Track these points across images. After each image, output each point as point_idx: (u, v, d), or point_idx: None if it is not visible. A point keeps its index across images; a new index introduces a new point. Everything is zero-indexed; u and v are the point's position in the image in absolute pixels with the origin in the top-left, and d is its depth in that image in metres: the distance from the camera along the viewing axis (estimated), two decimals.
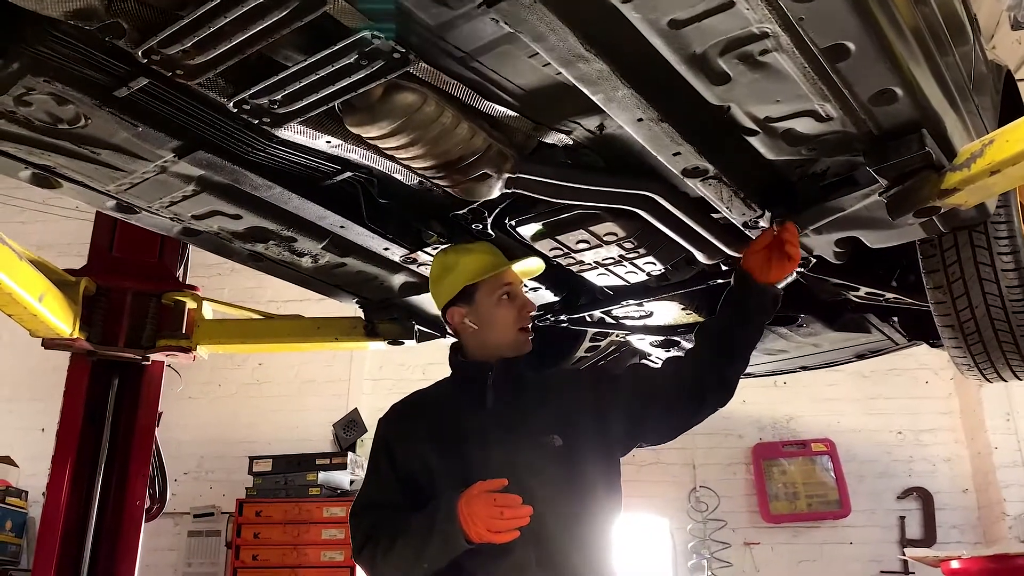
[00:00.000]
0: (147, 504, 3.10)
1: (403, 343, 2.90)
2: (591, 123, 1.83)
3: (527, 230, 2.28)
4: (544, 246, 2.33)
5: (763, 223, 2.07)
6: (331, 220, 2.17)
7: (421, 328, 2.92)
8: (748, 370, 3.73)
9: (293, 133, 1.77)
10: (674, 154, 1.75)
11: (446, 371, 3.33)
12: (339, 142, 1.84)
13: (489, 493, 1.77)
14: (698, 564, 5.68)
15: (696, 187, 1.90)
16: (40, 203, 6.46)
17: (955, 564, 4.48)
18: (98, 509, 2.93)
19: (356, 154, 1.92)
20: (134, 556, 2.91)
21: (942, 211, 1.78)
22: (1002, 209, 2.17)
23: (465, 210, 2.23)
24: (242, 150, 1.88)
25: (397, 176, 2.04)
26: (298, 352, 6.46)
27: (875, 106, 1.61)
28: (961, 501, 5.86)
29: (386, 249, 2.33)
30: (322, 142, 1.83)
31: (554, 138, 1.89)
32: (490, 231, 2.31)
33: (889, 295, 2.66)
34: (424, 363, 5.99)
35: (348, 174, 2.04)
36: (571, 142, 1.91)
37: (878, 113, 1.63)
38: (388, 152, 1.83)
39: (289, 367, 6.58)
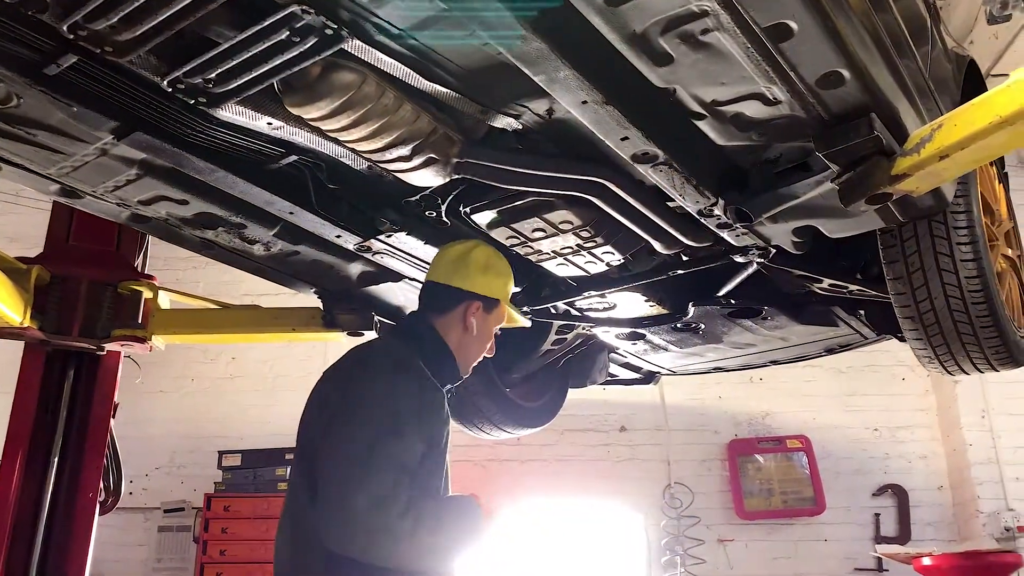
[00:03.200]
0: (102, 497, 3.05)
1: (363, 334, 2.86)
2: (539, 107, 1.80)
3: (482, 218, 2.25)
4: (500, 234, 2.30)
5: (717, 211, 2.05)
6: (280, 206, 2.13)
7: (381, 319, 2.88)
8: (719, 364, 3.77)
9: (232, 114, 1.74)
10: (622, 139, 1.72)
11: None
12: (280, 124, 1.81)
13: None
14: (671, 561, 5.66)
15: (647, 174, 1.87)
16: (12, 195, 6.38)
17: (927, 561, 4.50)
18: (50, 501, 2.88)
19: (300, 137, 1.89)
20: (86, 549, 2.87)
21: (894, 198, 1.76)
22: (961, 199, 2.16)
23: (417, 197, 2.20)
24: (182, 132, 1.84)
25: (345, 161, 2.01)
26: (272, 346, 6.42)
27: (822, 89, 1.59)
28: (936, 498, 5.88)
29: (338, 237, 2.29)
30: (263, 123, 1.80)
31: (503, 122, 1.86)
32: (444, 219, 2.28)
33: (852, 287, 2.64)
34: None
35: (293, 157, 2.00)
36: (520, 127, 1.88)
37: (826, 97, 1.61)
38: (331, 134, 1.80)
39: (263, 362, 6.53)
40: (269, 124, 1.81)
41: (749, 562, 5.83)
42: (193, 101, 1.68)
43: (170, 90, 1.64)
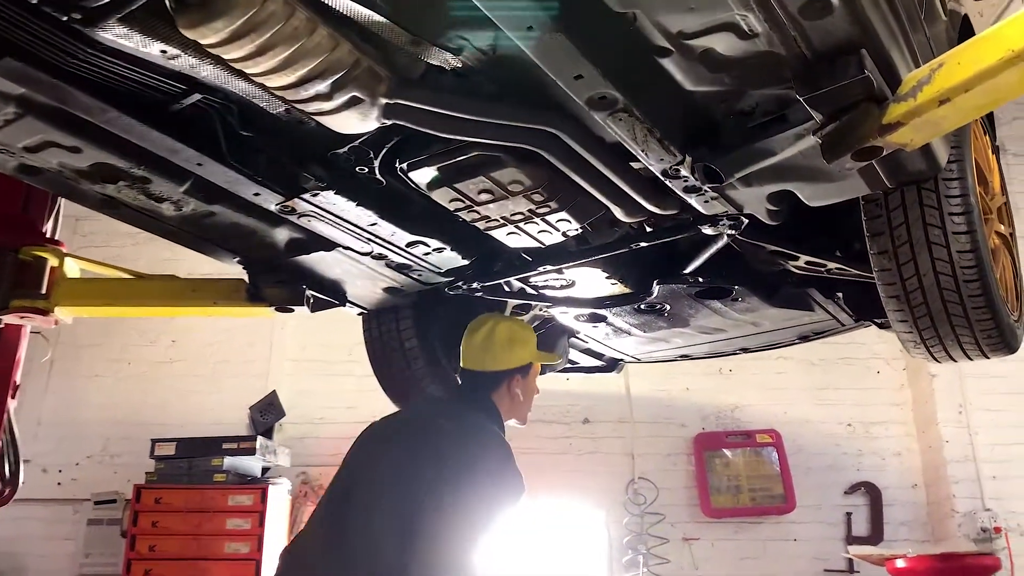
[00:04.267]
0: None
1: (292, 310, 2.63)
2: (482, 40, 1.58)
3: (421, 176, 2.03)
4: (443, 196, 2.09)
5: (684, 171, 1.85)
6: (186, 155, 1.89)
7: (314, 293, 2.65)
8: (685, 351, 3.61)
9: (116, 37, 1.51)
10: (575, 77, 1.52)
11: None
12: (177, 52, 1.58)
13: None
14: (633, 560, 5.49)
15: (606, 124, 1.66)
16: None
17: (900, 563, 4.38)
18: None
19: (203, 70, 1.65)
20: None
21: (884, 153, 1.57)
22: (955, 164, 1.98)
23: (346, 148, 1.97)
24: (60, 60, 1.59)
25: (258, 102, 1.78)
26: (215, 329, 6.15)
27: (806, 19, 1.39)
28: (910, 497, 5.78)
29: (257, 195, 2.05)
30: (156, 51, 1.57)
31: (440, 59, 1.64)
32: (378, 176, 2.05)
33: (832, 265, 2.49)
34: (351, 343, 5.70)
35: (197, 96, 1.76)
36: (461, 64, 1.66)
37: (810, 29, 1.41)
38: (236, 66, 1.56)
39: (206, 345, 6.25)
40: (164, 53, 1.57)
41: (715, 562, 5.69)
42: (66, 18, 1.44)
43: (35, 2, 1.39)
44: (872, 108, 1.51)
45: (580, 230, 2.27)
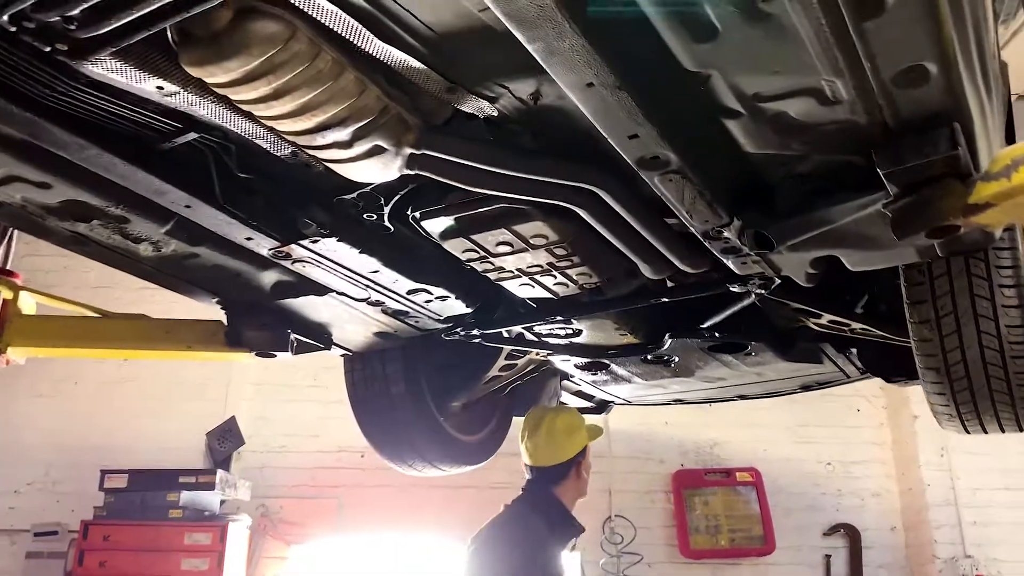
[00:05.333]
0: None
1: (274, 355, 2.43)
2: (524, 88, 1.44)
3: (434, 225, 1.88)
4: (456, 247, 1.94)
5: (728, 233, 1.72)
6: (173, 197, 1.70)
7: (299, 337, 2.46)
8: (679, 396, 3.50)
9: (107, 71, 1.32)
10: (630, 136, 1.38)
11: (339, 377, 2.94)
12: (176, 89, 1.40)
13: None
14: None
15: (653, 183, 1.52)
16: None
17: None
18: None
19: (202, 108, 1.48)
20: None
21: (962, 232, 1.45)
22: (1006, 232, 1.88)
23: (355, 194, 1.80)
24: (37, 92, 1.40)
25: (261, 143, 1.60)
26: None
27: (899, 88, 1.26)
28: (889, 540, 5.73)
29: (249, 239, 1.87)
30: (151, 87, 1.39)
31: (474, 106, 1.49)
32: (387, 223, 1.88)
33: (855, 325, 2.37)
34: (316, 367, 5.49)
35: (193, 135, 1.58)
36: (496, 113, 1.51)
37: (899, 98, 1.29)
38: (244, 108, 1.39)
39: (160, 364, 5.95)
40: (160, 89, 1.40)
41: None
42: (49, 49, 1.25)
43: (14, 30, 1.21)
44: (955, 185, 1.40)
45: (598, 283, 2.14)
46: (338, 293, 2.21)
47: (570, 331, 2.56)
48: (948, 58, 1.21)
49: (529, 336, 2.63)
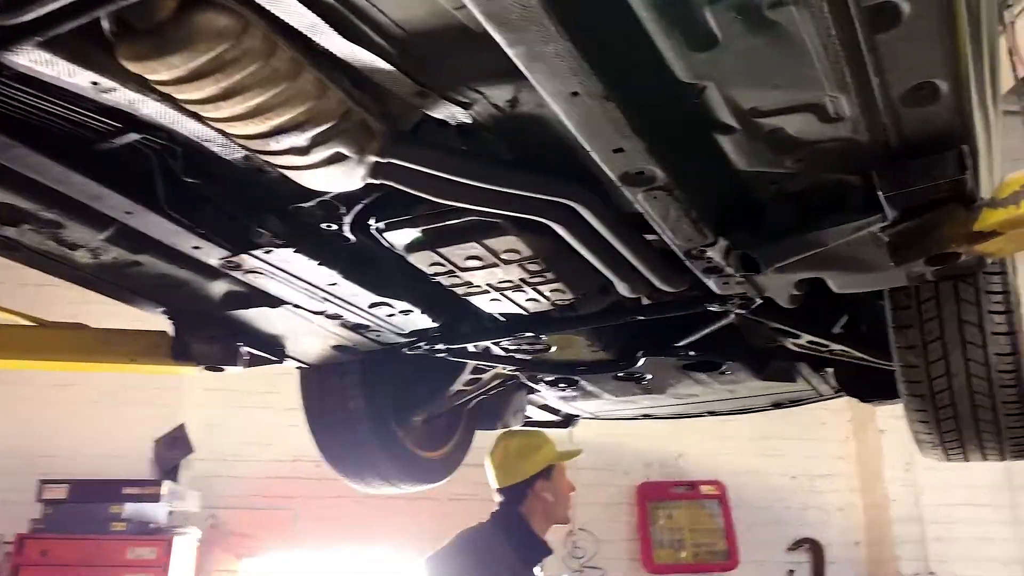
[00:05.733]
0: None
1: (223, 369, 2.29)
2: (501, 94, 1.34)
3: (399, 237, 1.76)
4: (422, 260, 1.82)
5: (712, 253, 1.63)
6: (112, 202, 1.56)
7: (251, 351, 2.33)
8: (648, 412, 3.42)
9: (33, 63, 1.19)
10: (615, 150, 1.28)
11: (295, 383, 2.80)
12: (113, 85, 1.27)
13: None
14: None
15: (636, 199, 1.43)
16: None
17: None
18: None
19: (145, 107, 1.34)
20: None
21: (963, 259, 1.38)
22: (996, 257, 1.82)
23: (314, 202, 1.68)
24: None
25: (211, 146, 1.47)
26: None
27: (906, 106, 1.18)
28: (852, 554, 5.73)
29: (197, 248, 1.74)
30: (85, 82, 1.25)
31: (446, 112, 1.38)
32: (347, 234, 1.76)
33: (834, 346, 2.31)
34: (271, 372, 5.30)
35: (134, 136, 1.45)
36: (469, 120, 1.41)
37: (906, 117, 1.21)
38: (190, 107, 1.26)
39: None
40: (95, 85, 1.26)
41: None
42: None
43: None
44: (958, 211, 1.32)
45: (571, 300, 2.04)
46: (293, 305, 2.08)
47: (540, 347, 2.46)
48: (961, 76, 1.14)
49: (497, 351, 2.52)
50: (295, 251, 1.76)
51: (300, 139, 1.31)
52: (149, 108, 1.35)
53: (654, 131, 1.27)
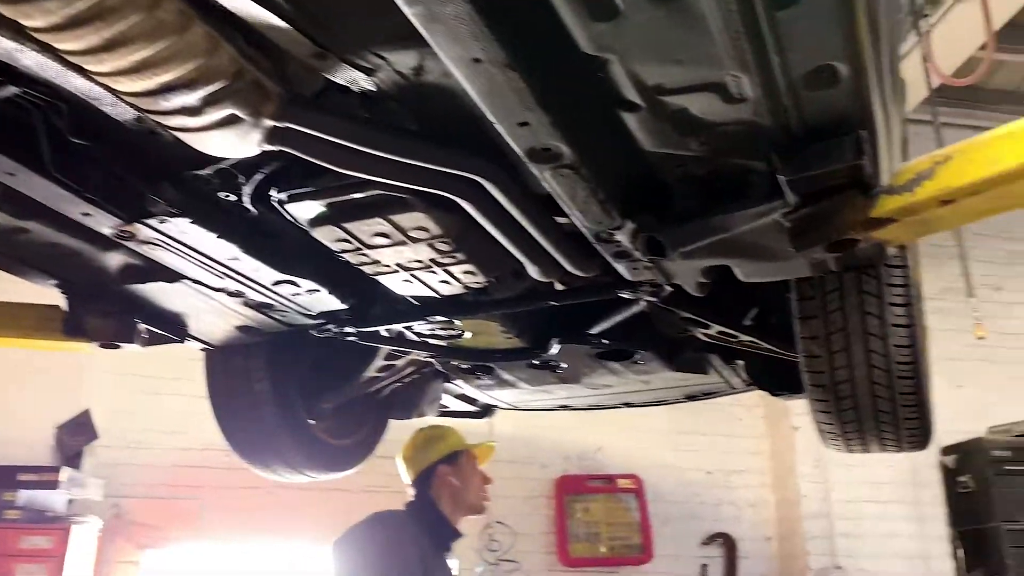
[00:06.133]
0: None
1: (119, 346, 2.20)
2: (405, 61, 1.30)
3: (302, 210, 1.71)
4: (327, 235, 1.78)
5: (620, 236, 1.63)
6: None
7: (150, 328, 2.24)
8: (567, 403, 3.43)
9: None
10: (520, 124, 1.26)
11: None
12: None
13: None
14: None
15: (543, 177, 1.41)
16: None
17: None
18: None
19: (25, 58, 1.27)
20: None
21: (860, 246, 1.40)
22: (899, 249, 1.86)
23: (211, 170, 1.62)
24: None
25: (99, 105, 1.41)
26: None
27: (807, 89, 1.20)
28: (763, 550, 5.86)
29: (87, 215, 1.66)
30: None
31: (348, 77, 1.35)
32: (247, 205, 1.71)
33: (744, 337, 2.34)
34: (182, 358, 5.13)
35: (12, 90, 1.37)
36: (373, 88, 1.37)
37: (807, 100, 1.22)
38: (72, 60, 1.20)
39: (3, 347, 5.48)
40: None
41: None
42: None
43: None
44: (856, 197, 1.34)
45: (484, 283, 2.02)
46: (192, 280, 2.01)
47: (454, 332, 2.43)
48: (859, 60, 1.15)
49: (409, 336, 2.48)
50: (191, 221, 1.70)
51: (191, 98, 1.25)
52: (28, 59, 1.28)
53: (560, 106, 1.25)
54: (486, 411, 3.68)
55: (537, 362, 2.64)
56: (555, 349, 2.46)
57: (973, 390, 6.32)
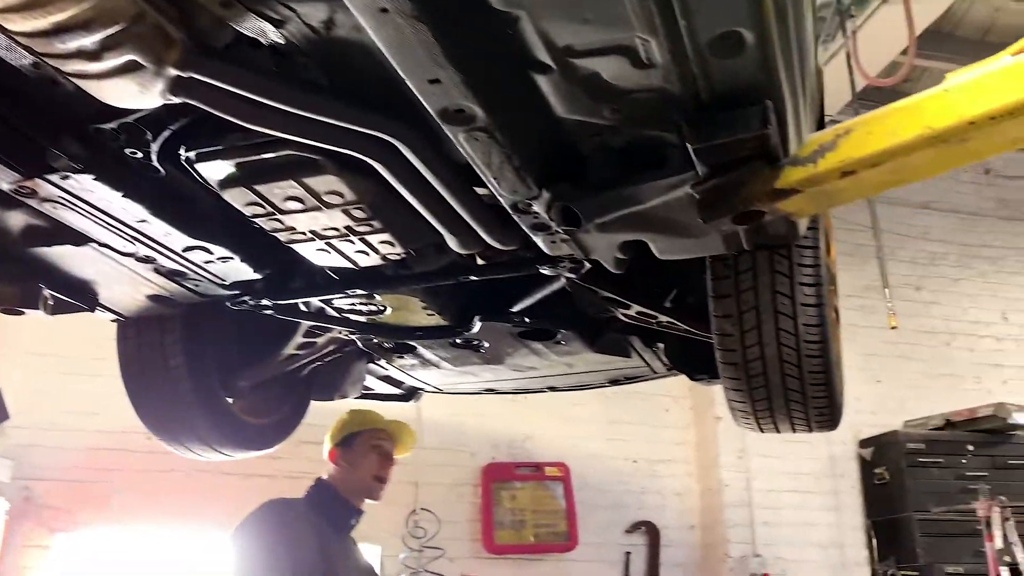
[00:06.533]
0: None
1: (23, 313, 2.12)
2: (315, 13, 1.28)
3: (212, 170, 1.67)
4: (238, 198, 1.73)
5: (536, 207, 1.63)
6: None
7: (55, 294, 2.16)
8: (492, 386, 3.43)
9: None
10: (431, 81, 1.24)
11: None
12: None
13: None
14: None
15: (457, 141, 1.40)
16: None
17: None
18: None
19: None
20: None
21: (767, 219, 1.43)
22: (810, 231, 1.91)
23: (114, 124, 1.57)
24: None
25: None
26: None
27: (714, 55, 1.21)
28: (687, 538, 5.97)
29: None
30: None
31: (256, 28, 1.31)
32: (154, 163, 1.66)
33: (663, 318, 2.37)
34: (101, 336, 4.98)
35: None
36: (283, 41, 1.34)
37: (714, 68, 1.24)
38: None
39: None
40: None
41: None
42: None
43: None
44: (763, 168, 1.37)
45: (403, 255, 2.00)
46: (100, 244, 1.94)
47: (374, 308, 2.41)
48: (765, 28, 1.17)
49: (329, 311, 2.45)
50: (95, 179, 1.64)
51: (88, 41, 1.20)
52: None
53: (473, 65, 1.24)
54: (411, 394, 3.65)
55: (460, 340, 2.63)
56: (477, 327, 2.46)
57: (891, 385, 6.55)
